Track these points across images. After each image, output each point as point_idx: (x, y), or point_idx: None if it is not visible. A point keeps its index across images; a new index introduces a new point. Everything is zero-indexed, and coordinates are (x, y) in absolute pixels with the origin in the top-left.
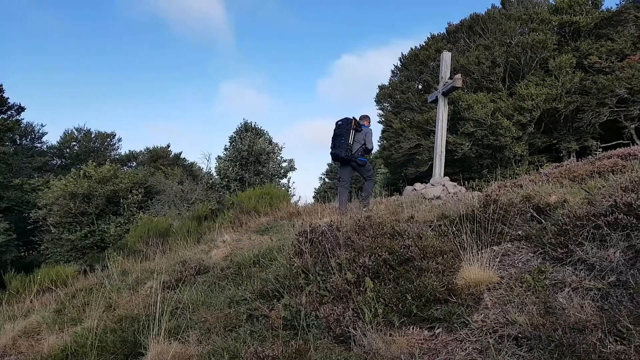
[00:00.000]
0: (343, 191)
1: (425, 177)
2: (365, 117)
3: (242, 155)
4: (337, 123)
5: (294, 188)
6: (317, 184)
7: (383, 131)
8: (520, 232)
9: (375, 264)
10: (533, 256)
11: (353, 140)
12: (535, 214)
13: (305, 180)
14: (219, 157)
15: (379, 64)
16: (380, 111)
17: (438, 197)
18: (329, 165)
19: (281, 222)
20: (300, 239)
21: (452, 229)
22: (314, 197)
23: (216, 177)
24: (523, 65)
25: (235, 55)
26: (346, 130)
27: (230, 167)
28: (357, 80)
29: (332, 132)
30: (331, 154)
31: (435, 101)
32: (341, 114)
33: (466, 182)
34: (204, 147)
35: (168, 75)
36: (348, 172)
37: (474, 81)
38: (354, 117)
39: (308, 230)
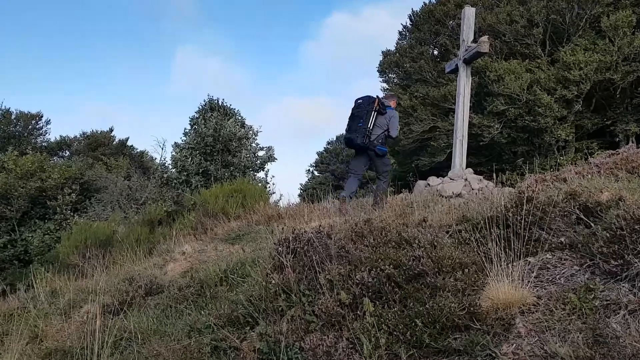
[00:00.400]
0: (352, 184)
1: (442, 169)
2: (392, 97)
3: (207, 142)
4: (356, 101)
5: (273, 184)
6: (304, 179)
7: None
8: (562, 239)
9: (377, 281)
10: (579, 270)
11: (373, 124)
12: (582, 216)
13: (288, 174)
14: (176, 145)
15: (381, 24)
16: (385, 84)
17: (458, 195)
18: (320, 155)
19: (257, 227)
20: (280, 249)
21: (475, 235)
22: (299, 196)
23: (172, 170)
24: (568, 25)
25: (193, 14)
26: (366, 112)
27: (191, 158)
28: (351, 44)
29: (350, 113)
30: (345, 138)
31: (456, 71)
32: (332, 87)
33: (495, 175)
34: (157, 132)
35: (110, 43)
36: (363, 163)
37: (505, 45)
38: (377, 96)
39: (290, 238)
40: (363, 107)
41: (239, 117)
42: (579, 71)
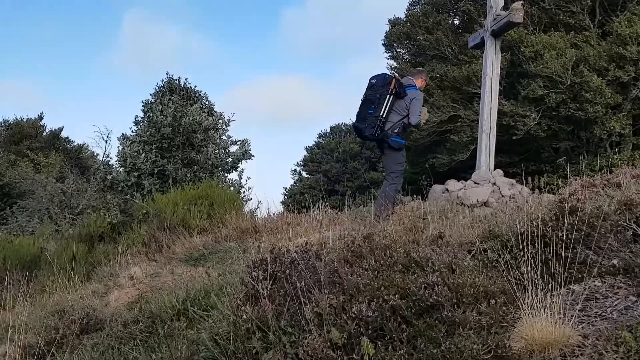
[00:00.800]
0: (386, 188)
1: (464, 170)
2: (418, 73)
3: (164, 134)
4: (369, 81)
5: (249, 188)
6: (289, 181)
7: None
8: (615, 262)
9: (378, 315)
10: (636, 301)
11: (389, 110)
12: None
13: (268, 175)
14: (125, 137)
15: None
16: (392, 61)
17: (485, 204)
18: (309, 151)
19: (226, 244)
20: (255, 273)
21: (505, 256)
22: (283, 203)
23: (119, 169)
24: None
25: None
26: (379, 95)
27: (144, 154)
28: (347, 12)
29: (362, 96)
30: (353, 127)
31: (482, 45)
32: (323, 65)
33: (531, 178)
34: (99, 120)
35: (36, 8)
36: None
37: (543, 13)
38: (394, 75)
39: (269, 259)
40: (376, 89)
41: (206, 102)
42: (637, 47)
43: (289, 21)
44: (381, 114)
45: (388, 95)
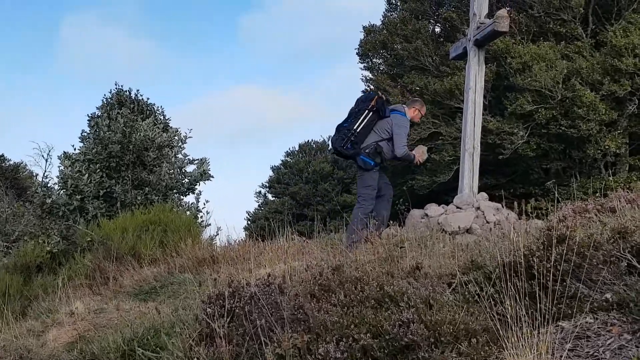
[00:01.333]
0: (362, 211)
1: (445, 192)
2: (414, 103)
3: (111, 152)
4: (357, 99)
5: (207, 212)
6: (253, 205)
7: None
8: (608, 296)
9: (348, 356)
10: (631, 339)
11: (365, 127)
12: (635, 263)
13: (229, 198)
14: (67, 156)
15: None
16: (367, 72)
17: (468, 230)
18: (275, 171)
19: (181, 276)
20: (210, 309)
21: (488, 289)
22: (245, 229)
23: (61, 192)
24: None
25: None
26: (358, 110)
27: (88, 174)
28: (313, 16)
29: None
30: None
31: (464, 56)
32: (288, 74)
33: (519, 201)
34: (39, 136)
35: None
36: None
37: (532, 21)
38: (378, 93)
39: (226, 294)
40: (357, 104)
41: (160, 117)
42: (633, 59)
43: (248, 28)
44: (355, 127)
45: (367, 111)
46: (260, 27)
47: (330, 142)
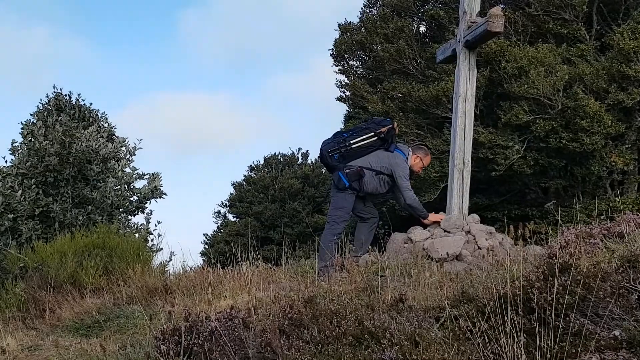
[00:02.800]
0: (330, 233)
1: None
2: (419, 149)
3: (48, 165)
4: (371, 118)
5: (159, 235)
6: (211, 227)
7: (348, 119)
8: (617, 333)
9: None
10: None
11: (361, 146)
12: None
13: (184, 219)
14: None
15: None
16: (342, 76)
17: (457, 257)
18: (237, 188)
19: (129, 308)
20: (164, 346)
21: (481, 324)
22: (203, 255)
23: None
24: None
25: None
26: (366, 127)
27: (21, 190)
28: (261, 15)
29: None
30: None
31: (453, 59)
32: (240, 79)
33: (514, 224)
34: None
35: None
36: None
37: (530, 21)
38: (395, 123)
39: (183, 329)
40: (368, 122)
41: (105, 125)
42: None
43: (189, 27)
44: (352, 141)
45: (373, 134)
46: (201, 26)
47: (321, 144)
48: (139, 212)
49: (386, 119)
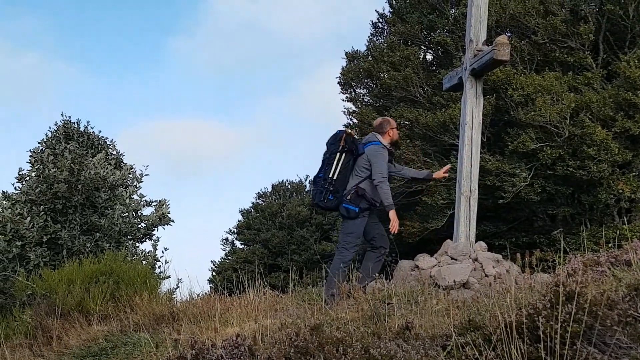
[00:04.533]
0: (339, 260)
1: (438, 241)
2: (382, 125)
3: (57, 192)
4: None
5: (166, 262)
6: (218, 254)
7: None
8: None
9: None
10: None
11: (342, 171)
12: None
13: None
14: (5, 196)
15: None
16: (350, 104)
17: (464, 285)
18: (245, 215)
19: (136, 335)
20: None
21: (488, 352)
22: (210, 282)
23: None
24: (633, 21)
25: None
26: (330, 154)
27: (30, 217)
28: (246, 42)
29: None
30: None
31: (460, 87)
32: (233, 106)
33: (521, 252)
34: None
35: None
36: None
37: (536, 49)
38: (347, 131)
39: (189, 357)
40: (328, 148)
41: (113, 152)
42: None
43: (176, 54)
44: (330, 175)
45: (338, 154)
46: (188, 53)
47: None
48: (147, 239)
49: (338, 132)
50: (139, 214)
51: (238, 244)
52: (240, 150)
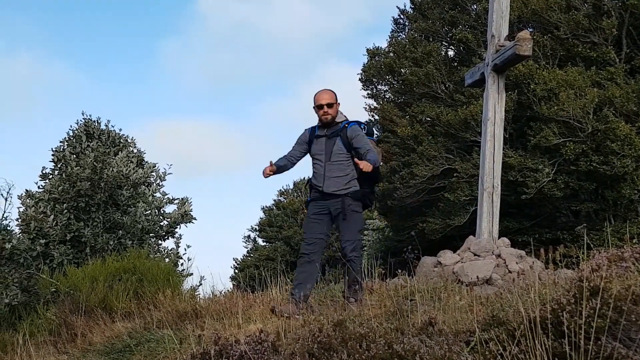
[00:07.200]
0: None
1: (461, 237)
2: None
3: (80, 190)
4: None
5: (189, 259)
6: (240, 251)
7: (376, 143)
8: None
9: None
10: None
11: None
12: None
13: (213, 244)
14: (28, 194)
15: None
16: (371, 101)
17: (487, 281)
18: (267, 212)
19: (159, 332)
20: None
21: (512, 348)
22: (232, 279)
23: (21, 235)
24: None
25: None
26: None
27: (53, 215)
28: (239, 41)
29: None
30: None
31: (482, 83)
32: (231, 105)
33: (545, 248)
34: None
35: None
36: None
37: (558, 44)
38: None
39: (212, 353)
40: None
41: (134, 150)
42: None
43: (168, 54)
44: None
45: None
46: (180, 54)
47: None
48: (169, 237)
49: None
50: (162, 212)
51: (260, 241)
52: (243, 147)
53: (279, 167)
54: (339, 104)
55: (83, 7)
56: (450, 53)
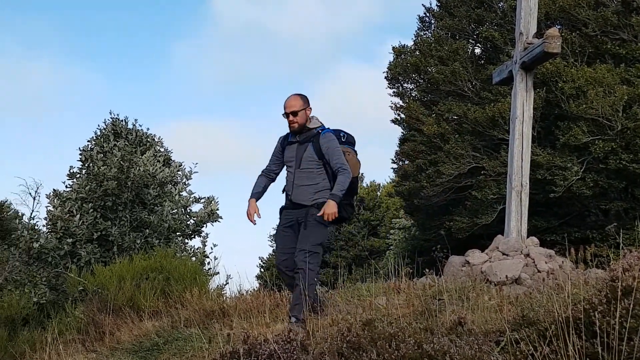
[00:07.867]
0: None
1: (489, 236)
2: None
3: (107, 189)
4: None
5: (215, 258)
6: (266, 250)
7: (402, 141)
8: None
9: None
10: None
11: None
12: None
13: (240, 243)
14: (56, 194)
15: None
16: (397, 99)
17: (516, 281)
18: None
19: (187, 330)
20: None
21: (543, 348)
22: (259, 278)
23: (49, 235)
24: None
25: None
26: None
27: (80, 215)
28: (253, 45)
29: None
30: None
31: (510, 81)
32: (239, 108)
33: (575, 248)
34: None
35: None
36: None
37: (587, 41)
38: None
39: (241, 352)
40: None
41: (161, 149)
42: None
43: (183, 53)
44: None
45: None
46: (195, 56)
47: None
48: (196, 236)
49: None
50: (188, 211)
51: None
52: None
53: (260, 194)
54: (310, 108)
55: (98, 7)
56: (477, 51)
